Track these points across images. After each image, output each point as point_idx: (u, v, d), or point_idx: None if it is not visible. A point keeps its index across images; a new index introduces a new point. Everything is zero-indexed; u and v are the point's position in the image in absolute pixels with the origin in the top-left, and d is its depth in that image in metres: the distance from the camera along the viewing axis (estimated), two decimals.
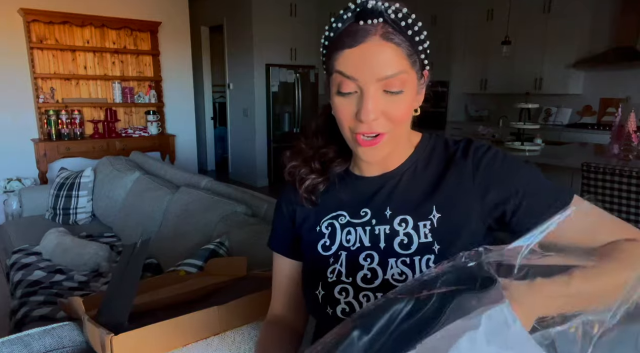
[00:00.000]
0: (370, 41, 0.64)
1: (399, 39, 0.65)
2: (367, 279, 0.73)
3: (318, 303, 0.76)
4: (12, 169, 4.05)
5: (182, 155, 4.97)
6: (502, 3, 5.21)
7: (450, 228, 0.71)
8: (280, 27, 5.82)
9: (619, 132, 3.22)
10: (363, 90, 0.66)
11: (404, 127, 0.72)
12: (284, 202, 0.87)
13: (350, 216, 0.78)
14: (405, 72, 0.66)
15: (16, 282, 2.04)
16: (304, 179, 0.81)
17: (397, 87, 0.65)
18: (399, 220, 0.74)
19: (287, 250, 0.87)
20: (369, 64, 0.64)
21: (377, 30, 0.64)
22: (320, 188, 0.81)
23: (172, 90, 4.90)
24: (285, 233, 0.86)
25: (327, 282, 0.76)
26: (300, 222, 0.84)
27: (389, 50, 0.64)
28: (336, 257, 0.77)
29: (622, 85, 4.79)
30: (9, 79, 4.01)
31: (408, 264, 0.71)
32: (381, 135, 0.69)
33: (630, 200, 2.50)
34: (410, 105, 0.69)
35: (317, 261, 0.79)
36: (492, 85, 5.75)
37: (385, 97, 0.66)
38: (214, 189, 2.29)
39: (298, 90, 6.03)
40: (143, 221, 2.37)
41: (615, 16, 4.74)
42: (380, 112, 0.67)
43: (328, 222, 0.80)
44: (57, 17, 4.02)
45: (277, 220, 0.89)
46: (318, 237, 0.80)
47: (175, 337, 0.97)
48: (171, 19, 4.79)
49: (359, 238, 0.76)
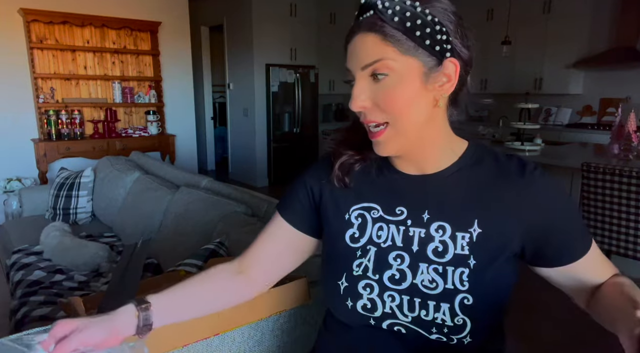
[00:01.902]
0: (358, 34, 0.67)
1: (385, 28, 0.64)
2: (394, 279, 0.72)
3: (339, 294, 0.75)
4: (12, 169, 4.05)
5: (182, 155, 4.97)
6: (502, 3, 5.21)
7: (489, 247, 0.70)
8: (280, 27, 5.82)
9: (619, 132, 3.22)
10: (354, 78, 0.69)
11: (407, 118, 0.68)
12: (309, 177, 0.84)
13: (384, 211, 0.76)
14: (389, 58, 0.65)
15: (16, 282, 2.04)
16: (341, 154, 0.80)
17: (381, 70, 0.66)
18: (436, 226, 0.72)
19: (297, 222, 0.84)
20: (354, 55, 0.68)
21: (366, 24, 0.66)
22: (355, 169, 0.79)
23: (172, 90, 4.90)
24: (301, 206, 0.84)
25: (352, 274, 0.74)
26: (327, 203, 0.81)
27: (370, 39, 0.65)
28: (364, 251, 0.75)
29: (622, 85, 4.79)
30: (9, 79, 4.01)
31: (440, 273, 0.70)
32: (384, 127, 0.69)
33: (630, 200, 2.50)
34: (406, 93, 0.66)
35: (343, 251, 0.77)
36: (492, 85, 5.75)
37: (374, 85, 0.67)
38: (214, 189, 2.29)
39: (298, 90, 6.03)
40: (143, 221, 2.37)
41: (615, 16, 4.74)
42: (371, 100, 0.68)
43: (359, 212, 0.78)
44: (57, 17, 4.02)
45: (295, 189, 0.85)
46: (346, 226, 0.78)
47: (175, 337, 0.97)
48: (171, 19, 4.79)
49: (391, 236, 0.74)
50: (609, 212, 2.62)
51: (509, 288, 0.73)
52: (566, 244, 0.72)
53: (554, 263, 0.73)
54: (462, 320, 0.68)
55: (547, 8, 5.06)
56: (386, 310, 0.72)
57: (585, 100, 5.18)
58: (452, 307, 0.68)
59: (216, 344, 1.03)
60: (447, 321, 0.68)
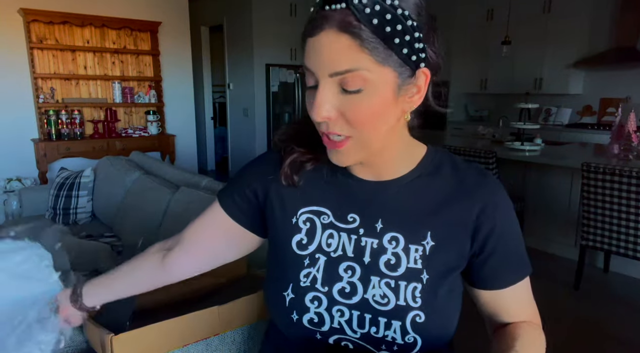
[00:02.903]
0: (327, 30, 0.55)
1: (359, 30, 0.54)
2: (344, 293, 0.67)
3: (284, 306, 0.69)
4: (12, 169, 4.05)
5: (182, 155, 4.97)
6: (502, 3, 5.21)
7: (442, 261, 0.67)
8: (280, 27, 5.82)
9: (619, 132, 3.22)
10: (319, 83, 0.58)
11: (373, 131, 0.60)
12: (255, 171, 0.77)
13: (335, 217, 0.70)
14: (364, 69, 0.55)
15: None
16: (292, 151, 0.72)
17: (354, 85, 0.56)
18: (389, 237, 0.68)
19: (237, 215, 0.77)
20: (320, 56, 0.56)
21: (335, 18, 0.54)
22: (306, 168, 0.72)
23: (172, 90, 4.90)
24: (242, 200, 0.77)
25: (299, 285, 0.69)
26: (273, 203, 0.74)
27: (343, 42, 0.54)
28: (313, 260, 0.69)
29: (622, 85, 4.79)
30: (9, 79, 4.01)
31: (392, 287, 0.66)
32: (346, 139, 0.61)
33: (630, 200, 2.50)
34: (377, 107, 0.58)
35: (289, 258, 0.71)
36: (492, 85, 5.75)
37: (343, 96, 0.57)
38: (214, 189, 2.29)
39: (298, 90, 6.03)
40: (143, 221, 2.37)
41: (615, 16, 4.74)
42: (337, 111, 0.58)
43: (307, 215, 0.71)
44: (57, 17, 4.02)
45: (239, 182, 0.78)
46: (293, 230, 0.71)
47: (175, 337, 0.97)
48: (171, 19, 4.79)
49: (342, 245, 0.69)
50: (609, 212, 2.62)
51: (459, 305, 0.70)
52: (504, 268, 0.70)
53: (485, 285, 0.71)
54: (413, 338, 0.65)
55: (547, 8, 5.06)
56: (334, 325, 0.67)
57: (585, 100, 5.18)
58: (404, 325, 0.64)
59: (216, 344, 1.03)
60: (398, 339, 0.65)
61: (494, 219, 0.68)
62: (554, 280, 2.97)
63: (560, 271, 3.08)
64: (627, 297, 2.81)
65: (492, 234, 0.68)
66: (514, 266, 0.71)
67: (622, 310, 2.63)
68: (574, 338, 2.27)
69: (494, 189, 0.69)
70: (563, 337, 2.28)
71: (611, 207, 2.60)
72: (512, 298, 0.72)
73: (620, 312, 2.61)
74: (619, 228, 2.60)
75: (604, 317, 2.54)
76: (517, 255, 0.71)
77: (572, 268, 2.93)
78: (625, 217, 2.55)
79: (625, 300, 2.77)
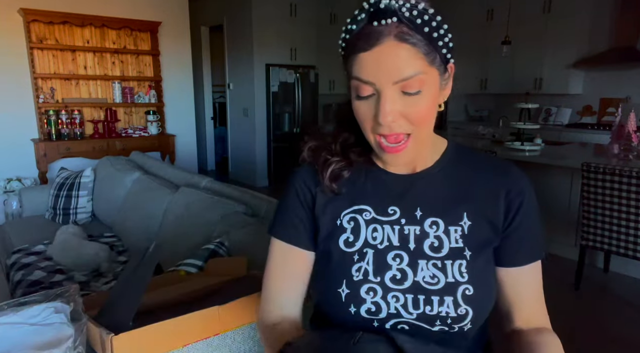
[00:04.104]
0: (385, 43, 0.62)
1: (415, 39, 0.63)
2: (396, 280, 0.72)
3: (340, 302, 0.73)
4: (12, 169, 4.05)
5: (182, 155, 4.97)
6: (502, 3, 5.21)
7: (480, 237, 0.73)
8: (280, 27, 5.82)
9: (619, 132, 3.22)
10: (380, 92, 0.65)
11: (428, 127, 0.70)
12: (299, 185, 0.80)
13: (376, 212, 0.76)
14: (423, 73, 0.64)
15: (16, 282, 2.04)
16: (328, 162, 0.77)
17: (415, 87, 0.64)
18: (430, 222, 0.74)
19: (302, 240, 0.79)
20: (385, 67, 0.63)
21: (391, 31, 0.62)
22: (344, 176, 0.78)
23: (172, 90, 4.90)
24: (300, 220, 0.79)
25: (353, 280, 0.73)
26: (319, 211, 0.78)
27: (404, 51, 0.62)
28: (362, 255, 0.74)
29: (622, 85, 4.79)
30: (9, 79, 4.01)
31: (440, 267, 0.71)
32: (405, 142, 0.68)
33: (630, 200, 2.50)
34: (431, 104, 0.68)
35: (339, 257, 0.75)
36: (492, 85, 5.75)
37: (404, 98, 0.65)
38: (214, 189, 2.29)
39: (298, 90, 6.03)
40: (143, 221, 2.37)
41: (615, 16, 4.74)
42: (399, 113, 0.66)
43: (350, 215, 0.77)
44: (57, 17, 4.02)
45: (288, 204, 0.81)
46: (339, 231, 0.76)
47: (175, 337, 0.97)
48: (171, 19, 4.79)
49: (387, 237, 0.74)
50: (609, 212, 2.62)
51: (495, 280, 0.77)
52: (524, 244, 0.76)
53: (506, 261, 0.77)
54: (465, 310, 0.70)
55: (547, 8, 5.06)
56: (391, 310, 0.72)
57: (585, 100, 5.18)
58: (455, 299, 0.70)
59: (216, 344, 1.04)
60: (451, 313, 0.70)
61: (522, 198, 0.75)
62: (554, 280, 2.98)
63: (560, 271, 3.08)
64: (627, 297, 2.81)
65: (520, 211, 0.75)
66: (532, 244, 0.77)
67: (622, 310, 2.63)
68: (574, 338, 2.27)
69: (520, 175, 0.77)
70: (563, 337, 2.29)
71: (611, 207, 2.60)
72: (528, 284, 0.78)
73: (620, 312, 2.61)
74: (619, 228, 2.60)
75: (604, 317, 2.54)
76: (535, 236, 0.77)
77: (572, 268, 2.93)
78: (625, 217, 2.55)
79: (625, 300, 2.77)
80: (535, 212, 0.76)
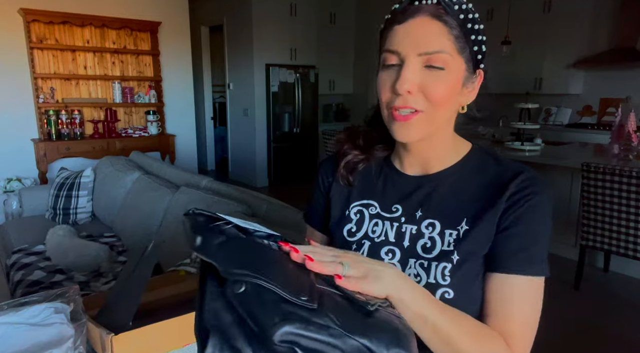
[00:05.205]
0: (420, 17, 0.65)
1: (449, 19, 0.65)
2: None
3: None
4: (12, 169, 4.05)
5: (182, 155, 4.98)
6: (502, 3, 5.21)
7: (472, 243, 0.70)
8: (280, 27, 5.82)
9: (619, 132, 3.22)
10: (404, 61, 0.66)
11: (443, 112, 0.70)
12: (322, 174, 0.89)
13: (381, 208, 0.79)
14: (448, 53, 0.66)
15: (16, 282, 2.04)
16: (346, 153, 0.83)
17: (439, 63, 0.65)
18: (427, 223, 0.74)
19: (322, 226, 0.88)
20: (413, 38, 0.66)
21: (428, 9, 0.65)
22: (359, 168, 0.83)
23: (172, 90, 4.90)
24: (320, 206, 0.88)
25: None
26: (332, 199, 0.85)
27: (435, 27, 0.65)
28: (359, 245, 0.78)
29: (622, 85, 4.79)
30: (9, 79, 4.01)
31: (425, 267, 0.71)
32: (416, 113, 0.68)
33: (630, 200, 2.50)
34: (451, 89, 0.68)
35: (341, 245, 0.80)
36: (492, 85, 5.74)
37: (425, 72, 0.66)
38: (214, 189, 2.29)
39: (298, 90, 6.03)
40: (143, 221, 2.37)
41: (615, 16, 4.74)
42: (418, 86, 0.66)
43: (358, 208, 0.81)
44: (57, 17, 4.02)
45: (314, 193, 0.90)
46: (345, 221, 0.81)
47: (175, 337, 0.97)
48: (171, 19, 4.79)
49: (384, 232, 0.77)
50: (609, 212, 2.62)
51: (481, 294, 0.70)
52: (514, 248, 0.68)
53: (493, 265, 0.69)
54: None
55: (547, 8, 5.06)
56: None
57: (585, 100, 5.18)
58: None
59: None
60: None
61: (526, 202, 0.68)
62: (554, 280, 2.97)
63: (560, 271, 3.08)
64: (627, 297, 2.81)
65: (519, 212, 0.68)
66: (528, 254, 0.68)
67: (622, 310, 2.63)
68: (574, 338, 2.27)
69: (534, 181, 0.70)
70: (563, 337, 2.29)
71: (611, 207, 2.60)
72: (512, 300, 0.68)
73: (620, 312, 2.61)
74: (618, 228, 2.60)
75: (604, 317, 2.54)
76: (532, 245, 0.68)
77: (572, 268, 2.93)
78: (625, 217, 2.55)
79: (625, 300, 2.77)
80: (540, 222, 0.69)
